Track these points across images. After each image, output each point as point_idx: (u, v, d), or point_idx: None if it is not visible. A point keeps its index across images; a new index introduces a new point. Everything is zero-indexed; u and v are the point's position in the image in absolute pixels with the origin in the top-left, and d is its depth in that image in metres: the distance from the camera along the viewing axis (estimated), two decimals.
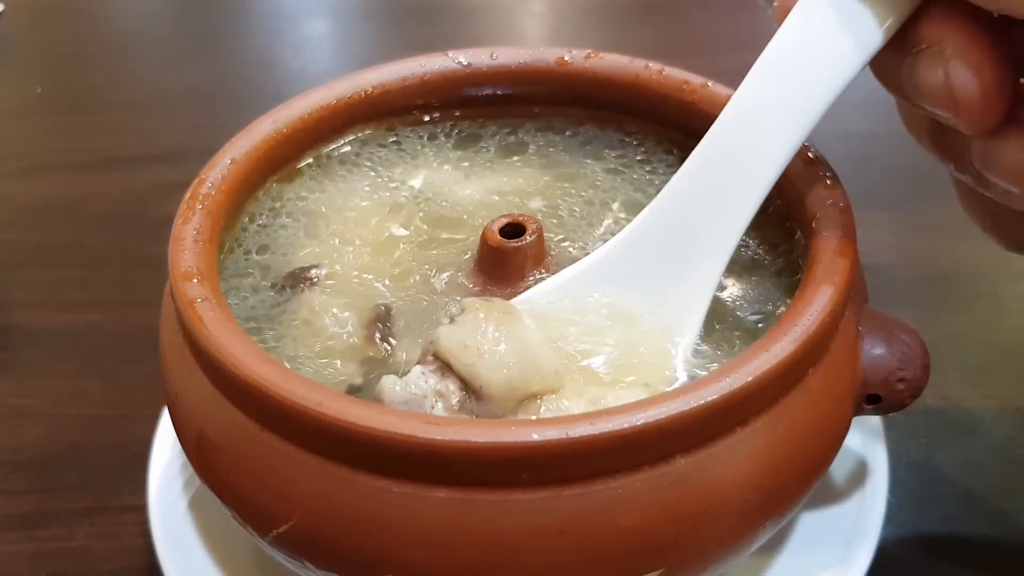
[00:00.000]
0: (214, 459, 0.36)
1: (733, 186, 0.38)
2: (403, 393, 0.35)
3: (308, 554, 0.34)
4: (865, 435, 0.49)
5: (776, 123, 0.37)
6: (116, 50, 1.01)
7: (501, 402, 0.35)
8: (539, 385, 0.36)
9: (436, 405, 0.35)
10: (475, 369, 0.35)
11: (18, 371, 0.60)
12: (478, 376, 0.35)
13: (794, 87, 0.36)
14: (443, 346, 0.36)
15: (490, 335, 0.36)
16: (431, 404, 0.35)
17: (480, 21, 1.03)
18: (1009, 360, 0.59)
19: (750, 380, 0.32)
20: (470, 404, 0.35)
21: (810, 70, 0.36)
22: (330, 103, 0.47)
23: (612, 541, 0.32)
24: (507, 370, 0.35)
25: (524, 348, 0.36)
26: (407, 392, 0.35)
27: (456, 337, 0.36)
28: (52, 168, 0.80)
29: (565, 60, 0.49)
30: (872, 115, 0.82)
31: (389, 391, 0.35)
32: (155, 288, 0.42)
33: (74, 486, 0.53)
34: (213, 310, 0.36)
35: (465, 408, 0.35)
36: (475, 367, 0.35)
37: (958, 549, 0.48)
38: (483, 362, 0.35)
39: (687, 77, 0.47)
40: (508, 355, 0.35)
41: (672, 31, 0.99)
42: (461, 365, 0.35)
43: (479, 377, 0.35)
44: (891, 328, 0.39)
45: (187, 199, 0.41)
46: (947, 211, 0.74)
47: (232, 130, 0.45)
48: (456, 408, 0.35)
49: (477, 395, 0.35)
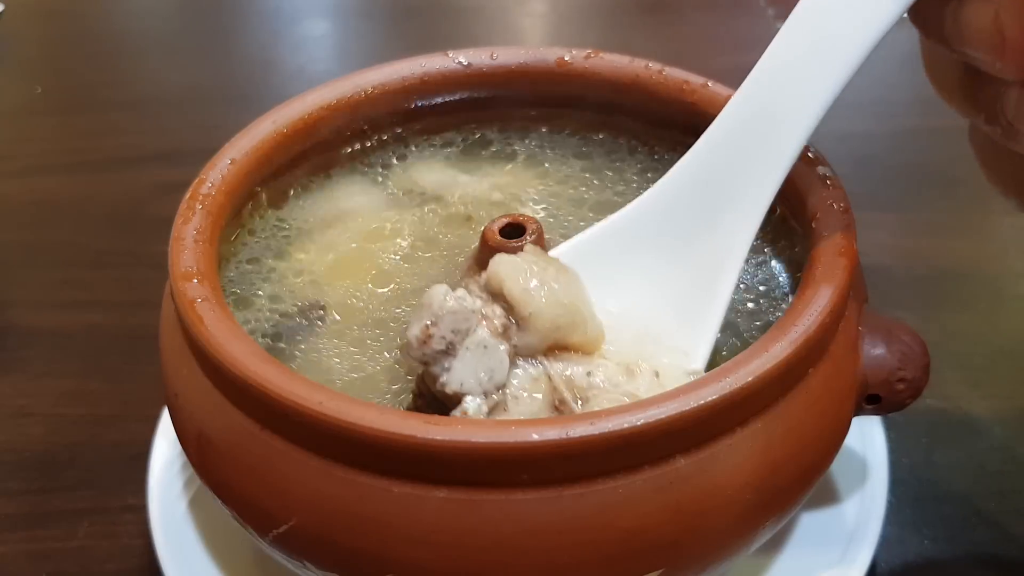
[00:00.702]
0: (214, 459, 0.36)
1: (771, 135, 0.37)
2: (454, 303, 0.35)
3: (308, 554, 0.34)
4: (865, 435, 0.49)
5: (814, 71, 0.36)
6: (116, 50, 1.01)
7: (542, 338, 0.35)
8: (579, 338, 0.36)
9: (480, 327, 0.35)
10: (529, 295, 0.35)
11: (19, 371, 0.60)
12: (529, 303, 0.35)
13: (833, 33, 0.35)
14: (500, 271, 0.36)
15: (550, 273, 0.36)
16: (476, 324, 0.35)
17: (480, 21, 1.03)
18: (1009, 360, 0.59)
19: (750, 380, 0.32)
20: (511, 333, 0.35)
21: (849, 16, 0.35)
22: (330, 103, 0.47)
23: (612, 541, 0.32)
24: (559, 308, 0.35)
25: (577, 298, 0.36)
26: (458, 303, 0.35)
27: (516, 264, 0.36)
28: (52, 168, 0.80)
29: (565, 60, 0.49)
30: (872, 115, 0.82)
31: (439, 299, 0.35)
32: (155, 288, 0.42)
33: (74, 486, 0.53)
34: (213, 310, 0.36)
35: (507, 334, 0.35)
36: (529, 293, 0.35)
37: (958, 549, 0.48)
38: (539, 292, 0.35)
39: (687, 77, 0.47)
40: (562, 296, 0.36)
41: (672, 31, 0.99)
42: (520, 290, 0.35)
43: (530, 304, 0.35)
44: (891, 328, 0.39)
45: (187, 199, 0.41)
46: (947, 211, 0.74)
47: (232, 130, 0.45)
48: (500, 331, 0.35)
49: (522, 323, 0.35)
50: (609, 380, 0.36)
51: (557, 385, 0.35)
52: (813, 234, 0.39)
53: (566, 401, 0.35)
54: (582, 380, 0.36)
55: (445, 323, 0.34)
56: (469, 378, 0.34)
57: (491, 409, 0.35)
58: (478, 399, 0.34)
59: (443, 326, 0.34)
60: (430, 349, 0.34)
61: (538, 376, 0.36)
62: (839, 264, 0.37)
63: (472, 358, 0.35)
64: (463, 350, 0.34)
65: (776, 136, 0.37)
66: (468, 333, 0.35)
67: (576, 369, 0.36)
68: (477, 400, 0.34)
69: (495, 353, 0.35)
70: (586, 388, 0.35)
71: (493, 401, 0.35)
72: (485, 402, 0.35)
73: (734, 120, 0.38)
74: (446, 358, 0.35)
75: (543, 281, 0.36)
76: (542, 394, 0.35)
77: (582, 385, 0.36)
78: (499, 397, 0.35)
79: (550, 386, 0.36)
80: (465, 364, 0.34)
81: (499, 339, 0.35)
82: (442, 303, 0.35)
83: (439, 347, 0.34)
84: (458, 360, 0.34)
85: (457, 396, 0.34)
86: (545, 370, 0.36)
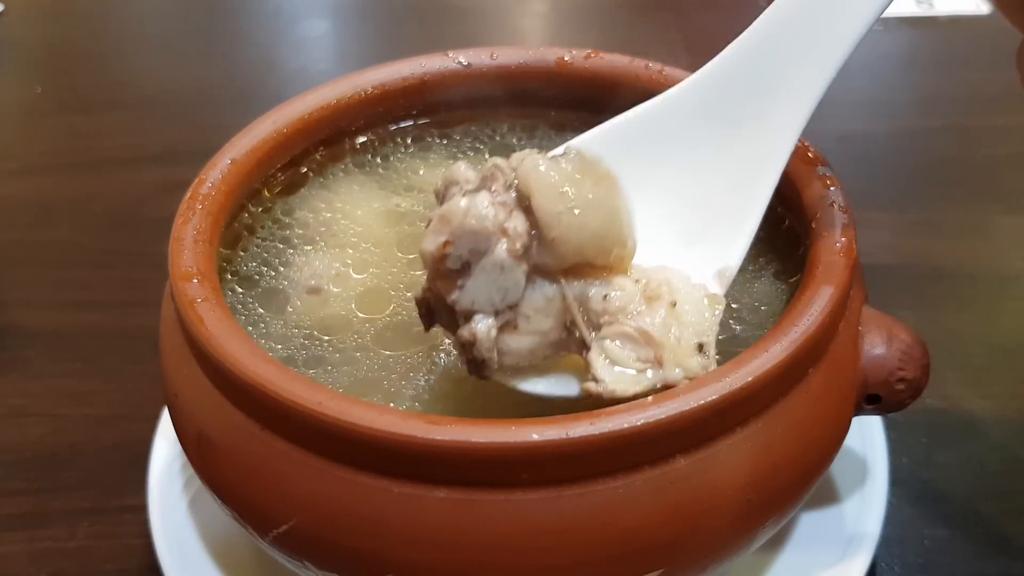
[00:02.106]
0: (214, 459, 0.36)
1: (830, 21, 0.35)
2: (475, 223, 0.32)
3: (308, 554, 0.34)
4: (865, 435, 0.49)
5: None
6: (116, 50, 1.01)
7: (563, 260, 0.34)
8: (604, 260, 0.34)
9: (500, 246, 0.32)
10: (559, 219, 0.33)
11: (19, 371, 0.60)
12: (557, 226, 0.33)
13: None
14: (535, 182, 0.33)
15: (586, 191, 0.33)
16: (495, 242, 0.32)
17: (480, 21, 1.03)
18: (1009, 360, 0.59)
19: (750, 380, 0.32)
20: (532, 252, 0.33)
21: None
22: (330, 103, 0.47)
23: (612, 541, 0.32)
24: (587, 234, 0.33)
25: (611, 220, 0.34)
26: (479, 223, 0.32)
27: (554, 178, 0.33)
28: (52, 168, 0.80)
29: (565, 60, 0.49)
30: (872, 115, 0.82)
31: (459, 215, 0.32)
32: (155, 288, 0.42)
33: (74, 486, 0.53)
34: (213, 310, 0.36)
35: (527, 255, 0.33)
36: (560, 217, 0.33)
37: (958, 549, 0.48)
38: (570, 217, 0.33)
39: (687, 77, 0.47)
40: (594, 220, 0.33)
41: (673, 31, 0.99)
42: (548, 210, 0.33)
43: (558, 227, 0.33)
44: (891, 328, 0.39)
45: (187, 199, 0.41)
46: (947, 211, 0.74)
47: (232, 130, 0.45)
48: (520, 253, 0.33)
49: (546, 244, 0.33)
50: (625, 307, 0.34)
51: (570, 306, 0.34)
52: (813, 234, 0.39)
53: (577, 324, 0.34)
54: (598, 303, 0.34)
55: (463, 243, 0.32)
56: (481, 298, 0.33)
57: (501, 327, 0.33)
58: (489, 319, 0.33)
59: (460, 245, 0.32)
60: (444, 267, 0.33)
61: (553, 296, 0.34)
62: (839, 264, 0.37)
63: (487, 279, 0.33)
64: (479, 270, 0.33)
65: (835, 21, 0.35)
66: (486, 253, 0.33)
67: (595, 290, 0.34)
68: (488, 320, 0.33)
69: (512, 274, 0.33)
70: (600, 313, 0.34)
71: (503, 320, 0.33)
72: (496, 321, 0.33)
73: (789, 5, 0.36)
74: (460, 277, 0.33)
75: (578, 199, 0.33)
76: (553, 315, 0.34)
77: (597, 309, 0.34)
78: (510, 316, 0.34)
79: (563, 306, 0.34)
80: (479, 284, 0.33)
81: (518, 260, 0.33)
82: (462, 221, 0.32)
83: (454, 266, 0.33)
84: (472, 280, 0.33)
85: (467, 313, 0.33)
86: (560, 290, 0.34)
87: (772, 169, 0.37)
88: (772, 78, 0.37)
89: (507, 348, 0.34)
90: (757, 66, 0.37)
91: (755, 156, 0.37)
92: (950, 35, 0.92)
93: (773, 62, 0.37)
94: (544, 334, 0.34)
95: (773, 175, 0.37)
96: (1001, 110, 0.83)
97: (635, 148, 0.38)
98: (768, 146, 0.37)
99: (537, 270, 0.34)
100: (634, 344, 0.34)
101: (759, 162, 0.37)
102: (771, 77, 0.37)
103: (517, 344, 0.34)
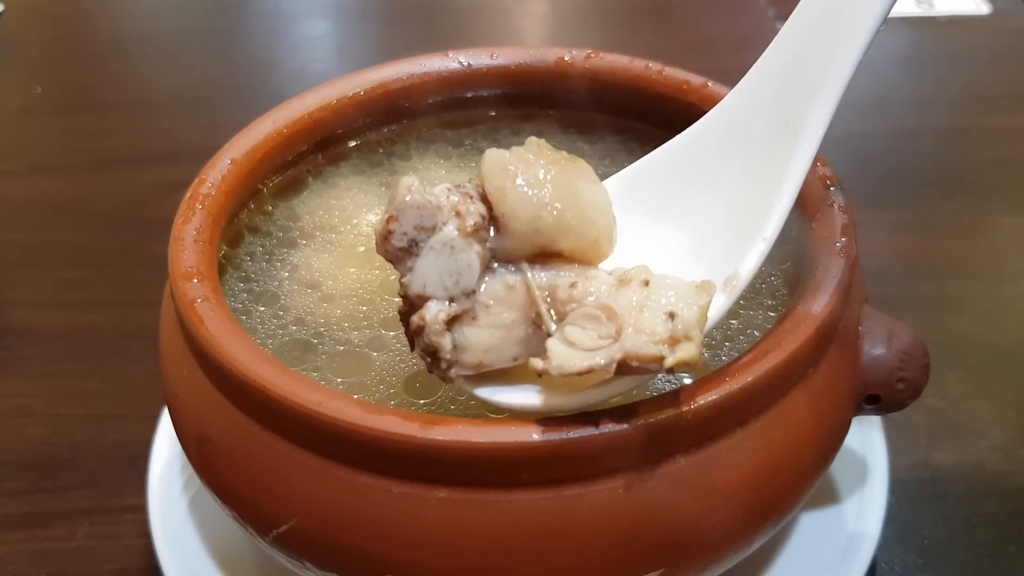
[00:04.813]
0: (214, 459, 0.36)
1: (843, 18, 0.35)
2: (417, 197, 0.31)
3: (308, 554, 0.34)
4: (865, 435, 0.49)
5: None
6: (116, 50, 1.01)
7: (519, 241, 0.32)
8: (570, 243, 0.32)
9: (449, 222, 0.32)
10: (503, 193, 0.32)
11: (19, 371, 0.60)
12: (504, 201, 0.32)
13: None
14: (486, 164, 0.33)
15: (535, 169, 0.32)
16: (444, 219, 0.32)
17: (480, 21, 1.03)
18: (1009, 360, 0.59)
19: (750, 380, 0.32)
20: (485, 234, 0.32)
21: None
22: (330, 103, 0.47)
23: (612, 541, 0.32)
24: (540, 209, 0.32)
25: (569, 196, 0.32)
26: (421, 196, 0.31)
27: (500, 159, 0.33)
28: (52, 168, 0.80)
29: (565, 60, 0.49)
30: (872, 115, 0.83)
31: (403, 190, 0.32)
32: (155, 288, 0.42)
33: (74, 486, 0.53)
34: (213, 310, 0.36)
35: (478, 235, 0.32)
36: (505, 191, 0.32)
37: (958, 549, 0.48)
38: (515, 190, 0.32)
39: (687, 77, 0.47)
40: (546, 195, 0.32)
41: (673, 31, 0.99)
42: (493, 186, 0.32)
43: (504, 202, 0.32)
44: (891, 328, 0.39)
45: (187, 199, 0.41)
46: (947, 211, 0.74)
47: (232, 130, 0.45)
48: (470, 231, 0.32)
49: (497, 224, 0.32)
50: (593, 292, 0.32)
51: (534, 296, 0.32)
52: (813, 234, 0.39)
53: (541, 315, 0.32)
54: (565, 292, 0.32)
55: (407, 218, 0.32)
56: (432, 281, 0.32)
57: (457, 316, 0.32)
58: (442, 304, 0.32)
59: (404, 221, 0.32)
60: (391, 245, 0.32)
61: (514, 284, 0.33)
62: (839, 264, 0.37)
63: (436, 258, 0.32)
64: (426, 248, 0.32)
65: (844, 31, 0.35)
66: (434, 231, 0.32)
67: (562, 279, 0.32)
68: (440, 305, 0.32)
69: (463, 255, 0.32)
70: (567, 302, 0.32)
71: (459, 308, 0.32)
72: (448, 308, 0.32)
73: (808, 11, 0.36)
74: (409, 257, 0.32)
75: (529, 177, 0.32)
76: (517, 306, 0.33)
77: (563, 298, 0.32)
78: (467, 304, 0.32)
79: (528, 297, 0.32)
80: (428, 264, 0.32)
81: (469, 239, 0.32)
82: (403, 195, 0.32)
83: (400, 244, 0.32)
84: (421, 260, 0.32)
85: (420, 299, 0.32)
86: (524, 278, 0.33)
87: (790, 184, 0.36)
88: (789, 102, 0.36)
89: (466, 342, 0.32)
90: (773, 95, 0.37)
91: (775, 176, 0.36)
92: (950, 35, 0.92)
93: (787, 89, 0.37)
94: (507, 328, 0.33)
95: (791, 189, 0.36)
96: (1001, 110, 0.83)
97: (661, 184, 0.38)
98: (787, 161, 0.36)
99: (498, 257, 0.33)
100: (596, 323, 0.32)
101: (778, 180, 0.36)
102: (788, 102, 0.37)
103: (477, 338, 0.33)
